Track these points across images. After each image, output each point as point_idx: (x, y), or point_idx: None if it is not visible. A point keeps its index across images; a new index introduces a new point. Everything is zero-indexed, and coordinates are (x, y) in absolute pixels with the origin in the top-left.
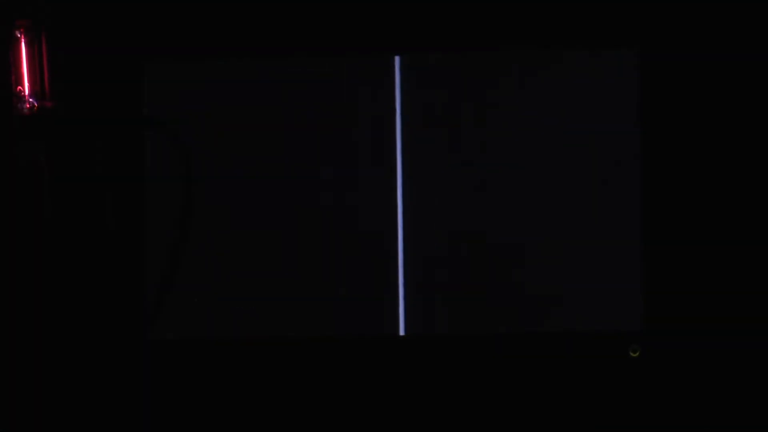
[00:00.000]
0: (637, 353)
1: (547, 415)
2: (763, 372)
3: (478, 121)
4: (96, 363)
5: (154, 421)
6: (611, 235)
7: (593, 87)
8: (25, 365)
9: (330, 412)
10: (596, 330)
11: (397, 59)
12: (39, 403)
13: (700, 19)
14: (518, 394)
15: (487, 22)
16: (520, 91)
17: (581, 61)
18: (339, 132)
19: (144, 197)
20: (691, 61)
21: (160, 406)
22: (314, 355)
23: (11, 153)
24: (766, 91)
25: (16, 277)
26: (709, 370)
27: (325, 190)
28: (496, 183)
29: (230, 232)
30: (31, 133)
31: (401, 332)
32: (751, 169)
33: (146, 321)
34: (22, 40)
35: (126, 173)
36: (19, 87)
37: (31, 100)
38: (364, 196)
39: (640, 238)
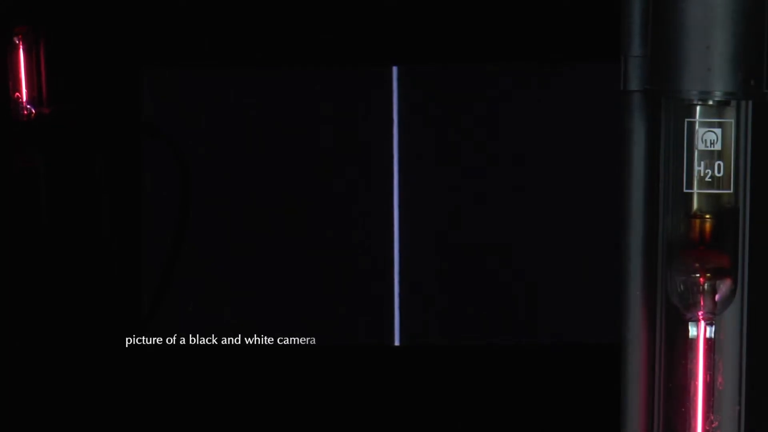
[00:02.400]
0: None
1: (543, 426)
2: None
3: (476, 131)
4: (91, 369)
5: (147, 427)
6: (611, 244)
7: (595, 96)
8: (19, 371)
9: (323, 421)
10: (594, 342)
11: (394, 69)
12: (34, 408)
13: None
14: (516, 405)
15: (487, 36)
16: (519, 101)
17: (584, 72)
18: (338, 140)
19: (141, 204)
20: None
21: (152, 412)
22: (308, 363)
23: (8, 159)
24: None
25: (12, 283)
26: None
27: (322, 199)
28: (493, 192)
29: (224, 239)
30: (28, 139)
31: (396, 342)
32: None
33: (141, 327)
34: (21, 46)
35: (123, 180)
36: (17, 93)
37: (28, 106)
38: (360, 205)
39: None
